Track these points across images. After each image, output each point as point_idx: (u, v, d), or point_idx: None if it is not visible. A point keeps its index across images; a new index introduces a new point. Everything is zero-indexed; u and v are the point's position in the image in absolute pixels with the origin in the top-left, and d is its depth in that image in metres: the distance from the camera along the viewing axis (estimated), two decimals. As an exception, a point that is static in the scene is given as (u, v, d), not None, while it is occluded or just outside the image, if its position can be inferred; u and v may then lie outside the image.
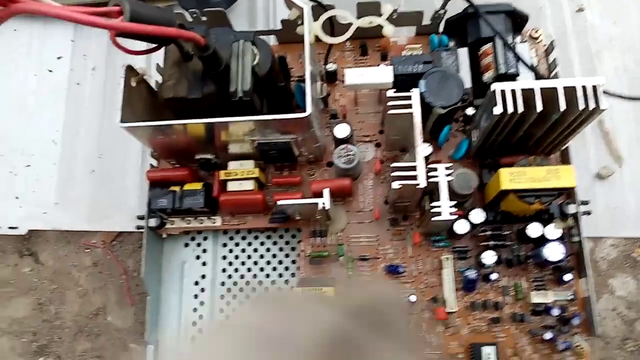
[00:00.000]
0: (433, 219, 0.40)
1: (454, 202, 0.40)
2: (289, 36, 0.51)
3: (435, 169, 0.41)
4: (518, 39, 0.49)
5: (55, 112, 0.60)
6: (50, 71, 0.61)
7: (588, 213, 0.47)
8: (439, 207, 0.40)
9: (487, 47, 0.46)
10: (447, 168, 0.41)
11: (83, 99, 0.60)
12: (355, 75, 0.47)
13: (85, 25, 0.31)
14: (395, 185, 0.39)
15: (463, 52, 0.48)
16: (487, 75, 0.46)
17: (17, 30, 0.63)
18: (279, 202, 0.42)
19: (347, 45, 0.54)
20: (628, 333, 0.49)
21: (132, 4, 0.32)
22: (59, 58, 0.62)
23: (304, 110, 0.40)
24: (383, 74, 0.47)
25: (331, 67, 0.51)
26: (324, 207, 0.42)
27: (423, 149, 0.39)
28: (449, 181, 0.41)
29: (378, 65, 0.53)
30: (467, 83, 0.47)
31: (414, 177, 0.39)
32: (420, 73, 0.46)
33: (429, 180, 0.40)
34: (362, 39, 0.53)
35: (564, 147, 0.47)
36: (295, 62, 0.54)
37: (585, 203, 0.47)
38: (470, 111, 0.48)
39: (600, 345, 0.49)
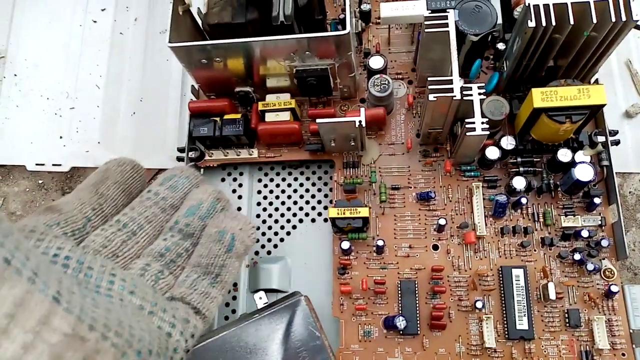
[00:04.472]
0: (467, 133, 0.42)
1: (486, 119, 0.42)
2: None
3: (469, 88, 0.43)
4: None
5: (99, 60, 0.63)
6: (94, 22, 0.65)
7: (617, 143, 0.48)
8: (472, 123, 0.42)
9: (518, -18, 0.48)
10: (479, 87, 0.43)
11: (125, 48, 0.63)
12: (390, 9, 0.49)
13: None
14: (431, 97, 0.41)
15: (494, -11, 0.49)
16: (518, 10, 0.48)
17: (65, -16, 0.67)
18: (317, 121, 0.44)
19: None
20: (656, 267, 0.50)
21: None
22: (102, 10, 0.65)
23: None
24: (417, 7, 0.49)
25: (365, 7, 0.53)
26: (360, 124, 0.43)
27: (457, 65, 0.41)
28: (481, 106, 0.43)
29: None
30: (498, 19, 0.48)
31: (450, 91, 0.41)
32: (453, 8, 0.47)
33: (463, 98, 0.42)
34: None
35: (593, 80, 0.48)
36: (330, 7, 0.56)
37: (614, 133, 0.48)
38: (501, 46, 0.49)
39: (629, 276, 0.49)
